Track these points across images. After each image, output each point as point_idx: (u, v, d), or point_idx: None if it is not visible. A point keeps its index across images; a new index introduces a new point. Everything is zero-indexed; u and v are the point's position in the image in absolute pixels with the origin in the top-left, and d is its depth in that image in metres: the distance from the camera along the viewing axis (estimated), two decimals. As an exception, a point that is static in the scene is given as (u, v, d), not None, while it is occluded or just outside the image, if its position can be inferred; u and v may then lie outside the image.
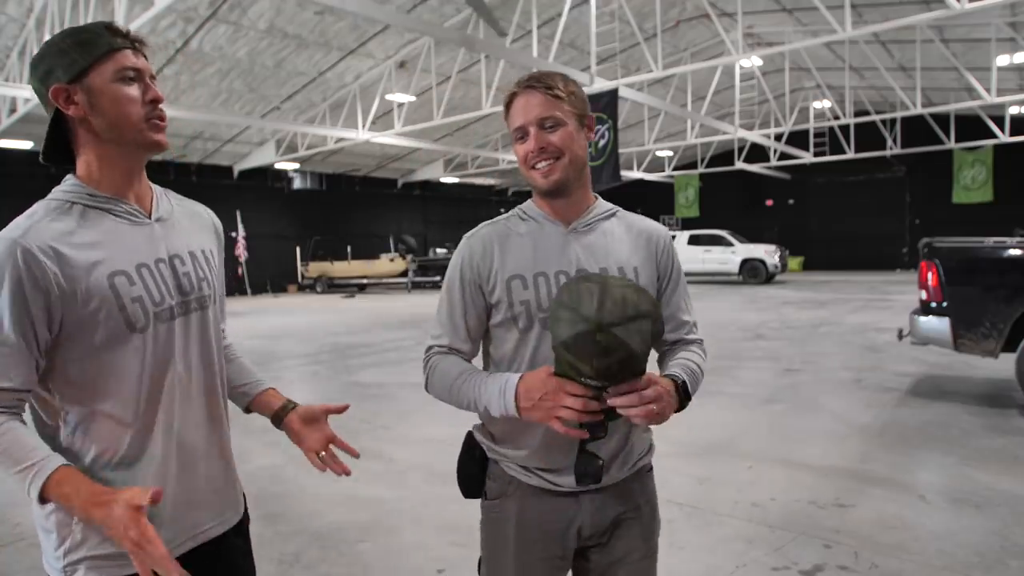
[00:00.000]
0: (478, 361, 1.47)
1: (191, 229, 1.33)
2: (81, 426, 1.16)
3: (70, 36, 1.17)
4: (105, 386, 1.16)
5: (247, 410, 1.49)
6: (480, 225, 1.45)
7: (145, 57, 1.22)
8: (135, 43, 1.20)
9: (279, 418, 1.44)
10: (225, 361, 1.45)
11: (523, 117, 1.33)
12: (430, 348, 1.43)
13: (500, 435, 1.42)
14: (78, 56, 1.15)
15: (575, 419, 1.16)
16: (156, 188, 1.31)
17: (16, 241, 1.09)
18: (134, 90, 1.17)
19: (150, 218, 1.24)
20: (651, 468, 1.49)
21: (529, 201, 1.44)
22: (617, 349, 1.11)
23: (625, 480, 1.42)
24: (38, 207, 1.17)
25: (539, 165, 1.33)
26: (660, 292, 1.45)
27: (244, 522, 1.40)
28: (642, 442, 1.45)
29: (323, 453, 1.43)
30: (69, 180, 1.21)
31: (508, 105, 1.38)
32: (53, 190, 1.21)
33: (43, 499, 1.07)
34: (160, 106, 1.21)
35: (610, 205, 1.46)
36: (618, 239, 1.40)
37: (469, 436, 1.49)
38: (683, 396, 1.29)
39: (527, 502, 1.39)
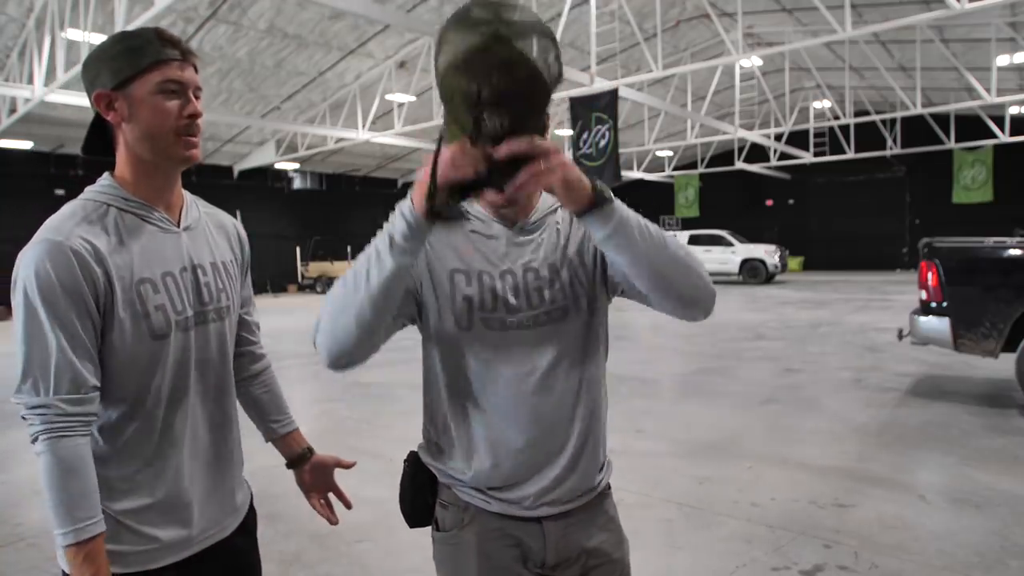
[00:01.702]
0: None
1: (216, 239, 1.34)
2: (101, 430, 1.18)
3: (120, 42, 1.17)
4: (123, 392, 1.17)
5: (267, 440, 1.55)
6: None
7: (195, 68, 1.21)
8: (185, 54, 1.19)
9: (295, 464, 1.54)
10: (263, 388, 1.52)
11: None
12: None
13: (447, 444, 1.27)
14: (125, 63, 1.15)
15: (461, 165, 0.96)
16: (187, 196, 1.33)
17: (63, 244, 1.10)
18: (173, 104, 1.17)
19: (179, 226, 1.26)
20: (609, 487, 1.36)
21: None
22: (519, 64, 0.94)
23: (588, 504, 1.30)
24: (76, 208, 1.17)
25: None
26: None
27: (249, 522, 1.41)
28: (596, 460, 1.31)
29: (322, 500, 1.56)
30: (106, 179, 1.22)
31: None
32: (88, 188, 1.22)
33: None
34: (198, 121, 1.20)
35: (553, 199, 1.28)
36: (565, 231, 1.28)
37: (414, 459, 1.34)
38: (598, 194, 1.04)
39: (488, 531, 1.25)
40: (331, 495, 1.58)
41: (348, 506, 1.56)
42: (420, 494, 1.31)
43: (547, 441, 1.24)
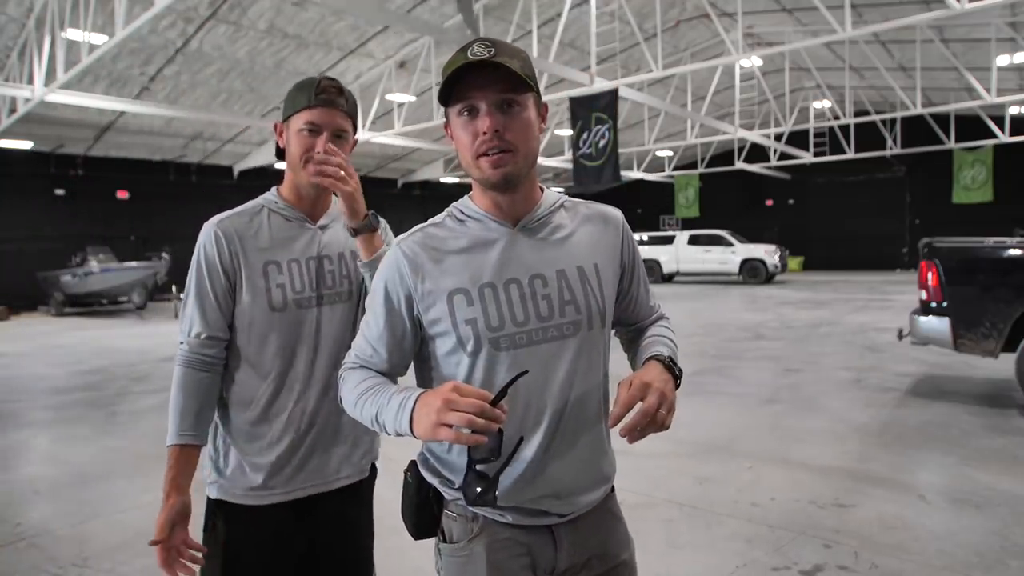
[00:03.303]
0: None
1: (348, 237, 1.62)
2: (228, 378, 1.53)
3: (294, 87, 1.53)
4: (248, 349, 1.51)
5: None
6: (411, 230, 1.24)
7: (345, 112, 1.52)
8: (327, 102, 1.49)
9: None
10: None
11: (476, 92, 1.12)
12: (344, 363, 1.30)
13: (455, 469, 1.21)
14: (290, 104, 1.52)
15: (464, 424, 0.98)
16: (336, 204, 1.61)
17: (213, 225, 1.52)
18: (307, 141, 1.49)
19: (314, 224, 1.59)
20: (613, 488, 1.34)
21: (466, 198, 1.25)
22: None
23: (598, 506, 1.27)
24: (242, 206, 1.57)
25: (489, 153, 1.13)
26: (623, 289, 1.32)
27: (357, 487, 1.67)
28: (611, 463, 1.31)
29: None
30: (271, 191, 1.60)
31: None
32: (262, 195, 1.60)
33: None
34: (334, 156, 1.48)
35: (557, 195, 1.28)
36: (574, 233, 1.24)
37: (416, 473, 1.28)
38: (675, 374, 1.18)
39: (498, 540, 1.20)
40: None
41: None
42: (425, 506, 1.26)
43: (562, 454, 1.20)
